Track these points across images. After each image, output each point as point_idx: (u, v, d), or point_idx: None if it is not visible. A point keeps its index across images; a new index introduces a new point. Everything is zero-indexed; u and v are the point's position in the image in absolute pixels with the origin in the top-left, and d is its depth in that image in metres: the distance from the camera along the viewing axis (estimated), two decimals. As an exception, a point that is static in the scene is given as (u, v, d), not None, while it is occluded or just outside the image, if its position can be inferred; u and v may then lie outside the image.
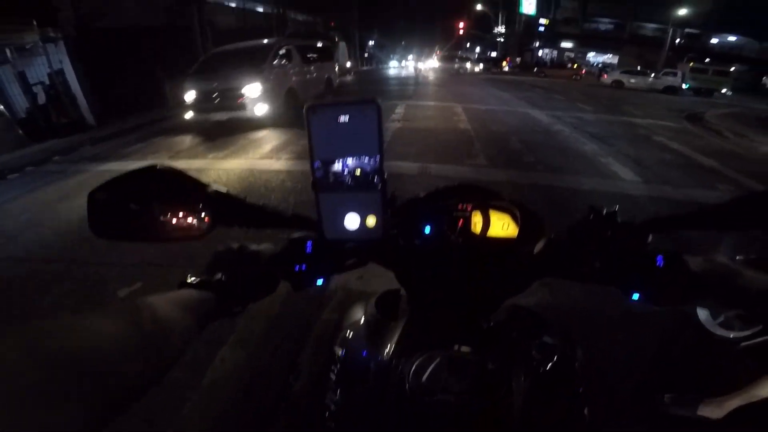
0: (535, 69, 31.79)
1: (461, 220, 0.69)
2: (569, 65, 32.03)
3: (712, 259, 0.56)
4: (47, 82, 9.39)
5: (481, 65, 31.97)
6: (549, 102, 11.26)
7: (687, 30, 33.99)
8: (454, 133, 6.33)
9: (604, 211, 0.60)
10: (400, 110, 8.65)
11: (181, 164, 5.08)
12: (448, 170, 4.39)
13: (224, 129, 6.89)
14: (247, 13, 22.31)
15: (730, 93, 23.25)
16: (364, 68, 41.88)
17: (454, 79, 21.71)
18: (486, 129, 6.69)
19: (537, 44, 39.84)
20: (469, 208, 0.69)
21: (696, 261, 0.58)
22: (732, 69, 25.87)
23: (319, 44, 11.13)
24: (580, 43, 40.26)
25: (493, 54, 41.15)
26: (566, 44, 40.85)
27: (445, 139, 5.80)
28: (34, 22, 9.12)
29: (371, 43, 52.09)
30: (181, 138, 7.12)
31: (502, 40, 40.69)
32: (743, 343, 1.38)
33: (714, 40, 36.41)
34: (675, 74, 23.92)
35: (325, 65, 10.58)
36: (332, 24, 34.83)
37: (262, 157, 5.16)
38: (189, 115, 7.14)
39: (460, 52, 45.36)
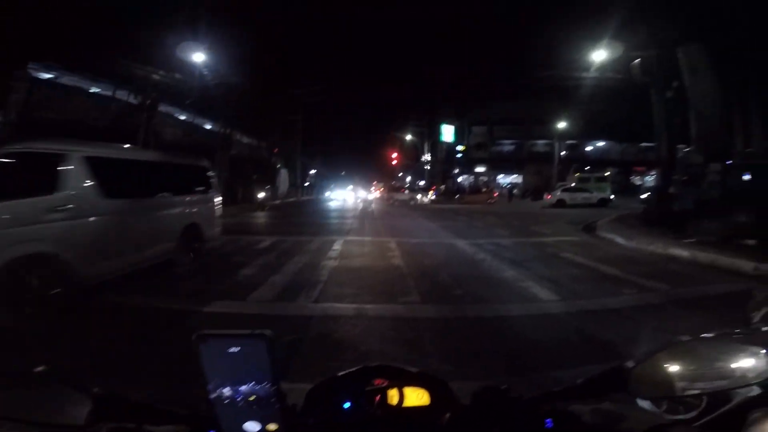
0: (456, 196, 34.55)
1: (377, 396, 0.73)
2: (483, 189, 35.74)
3: (610, 403, 0.72)
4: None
5: (419, 196, 33.69)
6: (470, 230, 12.49)
7: (568, 141, 40.04)
8: (388, 270, 6.68)
9: (504, 386, 0.74)
10: (337, 246, 9.01)
11: None
12: (383, 310, 4.55)
13: None
14: (195, 129, 22.83)
15: (612, 196, 26.93)
16: (304, 198, 42.56)
17: (388, 210, 23.45)
18: (417, 264, 7.18)
19: (456, 171, 43.42)
20: (385, 384, 0.75)
21: (585, 410, 0.75)
22: (607, 173, 30.98)
23: (179, 160, 6.88)
24: (491, 166, 44.89)
25: (422, 183, 43.43)
26: (480, 168, 45.09)
27: (381, 278, 6.09)
28: None
29: (312, 171, 54.48)
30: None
31: (428, 167, 43.47)
32: (694, 424, 1.40)
33: (589, 148, 43.26)
34: (605, 188, 27.51)
35: (188, 201, 6.66)
36: (276, 150, 35.91)
37: None
38: None
39: (394, 182, 49.02)
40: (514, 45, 36.46)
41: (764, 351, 0.90)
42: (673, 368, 0.72)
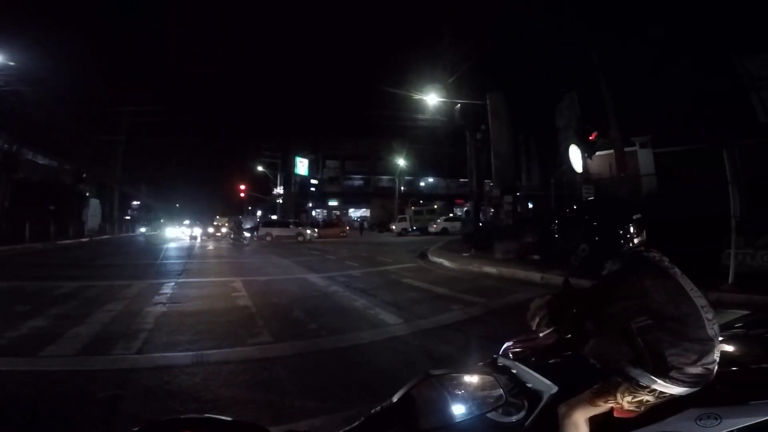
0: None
1: None
2: (336, 223, 35.94)
3: None
4: None
5: (271, 231, 28.71)
6: (323, 264, 12.59)
7: (407, 177, 44.23)
8: (233, 311, 6.15)
9: (304, 431, 0.78)
10: (166, 290, 7.84)
11: None
12: (229, 354, 4.17)
13: None
14: None
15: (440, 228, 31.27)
16: (122, 235, 35.66)
17: (235, 247, 21.68)
18: (268, 302, 6.85)
19: (310, 204, 43.24)
20: None
21: None
22: (436, 206, 35.71)
23: None
24: (342, 200, 46.08)
25: (274, 216, 41.79)
26: (333, 202, 45.69)
27: (225, 320, 5.56)
28: None
29: (135, 203, 46.36)
30: None
31: (281, 201, 41.90)
32: (525, 423, 1.57)
33: (422, 183, 48.46)
34: (435, 219, 30.44)
35: None
36: (84, 176, 29.94)
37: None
38: None
39: (241, 218, 45.32)
40: (364, 84, 39.54)
41: (491, 380, 1.18)
42: (435, 398, 0.85)
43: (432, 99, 16.48)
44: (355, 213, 47.03)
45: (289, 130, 41.23)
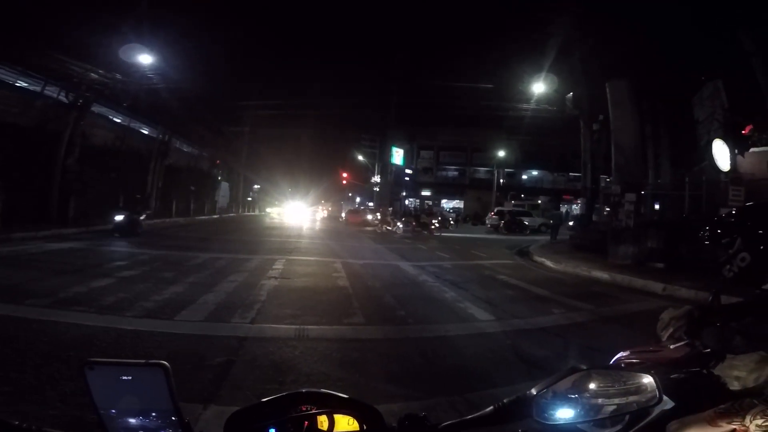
0: (403, 219, 34.65)
1: (306, 422, 0.72)
2: (430, 213, 35.17)
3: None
4: None
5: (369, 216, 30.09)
6: (415, 253, 12.71)
7: (506, 170, 42.28)
8: (333, 290, 6.57)
9: (421, 414, 0.75)
10: (278, 266, 8.69)
11: None
12: (326, 332, 4.45)
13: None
14: (130, 132, 20.97)
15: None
16: (247, 213, 40.67)
17: (336, 230, 23.13)
18: (363, 285, 7.17)
19: (404, 193, 43.32)
20: (313, 410, 0.73)
21: None
22: (539, 201, 33.29)
23: None
24: (436, 190, 45.72)
25: (371, 203, 41.88)
26: (426, 192, 45.46)
27: (325, 299, 5.96)
28: None
29: (256, 187, 52.16)
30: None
31: (377, 189, 42.64)
32: None
33: (525, 176, 45.83)
34: (537, 215, 28.73)
35: None
36: (218, 162, 34.13)
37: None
38: None
39: (342, 203, 48.01)
40: (462, 72, 38.30)
41: (648, 380, 1.03)
42: (572, 395, 0.79)
43: (539, 87, 15.27)
44: (448, 204, 46.07)
45: (388, 119, 41.82)
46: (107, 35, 12.38)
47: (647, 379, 1.04)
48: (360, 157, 43.52)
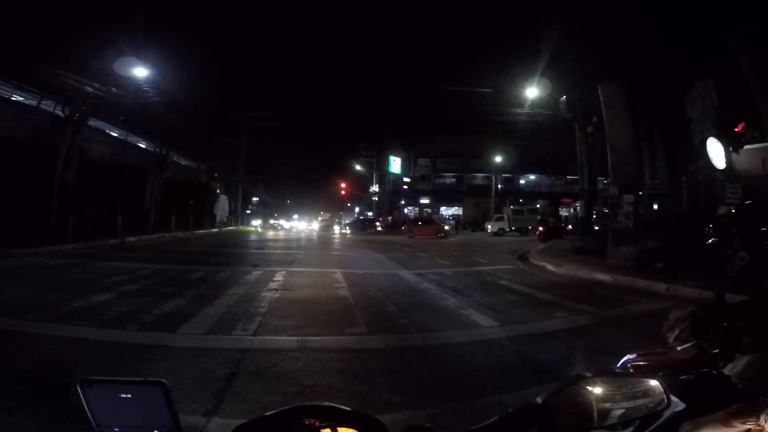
0: (403, 227, 34.84)
1: None
2: (429, 220, 35.20)
3: None
4: None
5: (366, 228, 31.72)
6: (414, 261, 12.69)
7: (504, 175, 42.48)
8: (334, 301, 6.52)
9: (426, 426, 0.72)
10: (278, 277, 8.66)
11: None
12: (329, 342, 4.41)
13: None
14: (127, 147, 20.97)
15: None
16: (244, 227, 39.88)
17: (336, 241, 23.11)
18: (364, 295, 7.12)
19: (403, 202, 43.84)
20: (316, 424, 0.72)
21: None
22: (538, 206, 33.33)
23: None
24: (434, 198, 45.85)
25: (370, 213, 42.82)
26: (424, 200, 45.77)
27: (327, 309, 5.91)
28: None
29: (255, 199, 52.17)
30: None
31: (376, 199, 43.30)
32: None
33: (522, 181, 46.05)
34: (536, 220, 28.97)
35: None
36: (216, 175, 34.25)
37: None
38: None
39: (341, 213, 48.12)
40: (456, 80, 38.65)
41: (655, 383, 1.02)
42: (580, 402, 0.77)
43: (533, 91, 15.40)
44: (446, 211, 46.19)
45: (384, 128, 42.09)
46: (102, 48, 12.44)
47: (654, 383, 1.03)
48: (358, 167, 43.83)
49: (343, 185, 47.70)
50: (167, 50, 14.75)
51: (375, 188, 43.47)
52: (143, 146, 23.34)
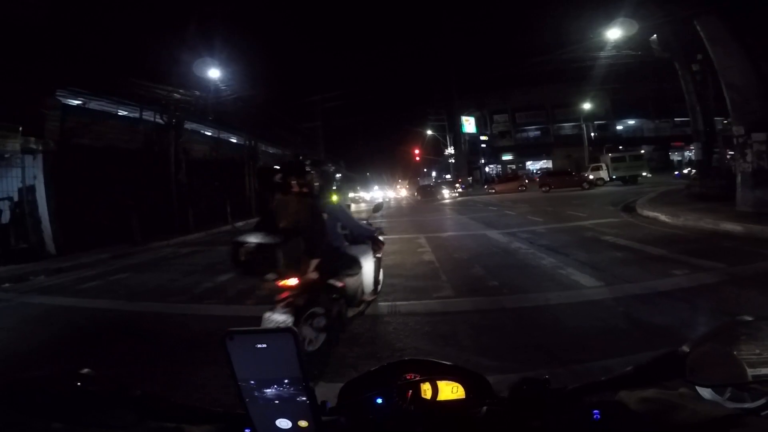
0: (485, 186, 33.54)
1: (410, 391, 0.73)
2: (513, 177, 33.07)
3: (657, 392, 0.64)
4: (16, 198, 8.66)
5: (445, 191, 30.48)
6: (502, 219, 12.13)
7: (597, 122, 38.92)
8: (420, 265, 6.53)
9: (544, 377, 0.70)
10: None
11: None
12: (416, 306, 4.41)
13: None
14: (221, 143, 23.43)
15: (649, 175, 26.16)
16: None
17: (416, 206, 23.11)
18: (449, 257, 7.01)
19: (482, 161, 42.70)
20: (417, 378, 0.74)
21: (636, 400, 0.66)
22: (642, 152, 29.55)
23: None
24: (517, 153, 44.01)
25: (448, 176, 42.09)
26: (506, 157, 44.32)
27: (412, 274, 5.95)
28: (20, 129, 8.29)
29: (338, 175, 55.07)
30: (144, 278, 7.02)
31: (453, 161, 42.53)
32: (763, 413, 1.27)
33: (619, 127, 41.66)
34: (642, 167, 26.63)
35: None
36: (300, 157, 37.35)
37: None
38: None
39: (419, 180, 48.21)
40: (527, 30, 35.12)
41: None
42: (737, 351, 0.65)
43: (615, 33, 13.25)
44: (533, 165, 43.92)
45: (450, 91, 40.55)
46: (178, 54, 13.46)
47: None
48: (429, 132, 43.33)
49: (416, 152, 47.65)
50: (238, 47, 15.52)
51: (450, 150, 42.46)
52: (234, 141, 25.53)
